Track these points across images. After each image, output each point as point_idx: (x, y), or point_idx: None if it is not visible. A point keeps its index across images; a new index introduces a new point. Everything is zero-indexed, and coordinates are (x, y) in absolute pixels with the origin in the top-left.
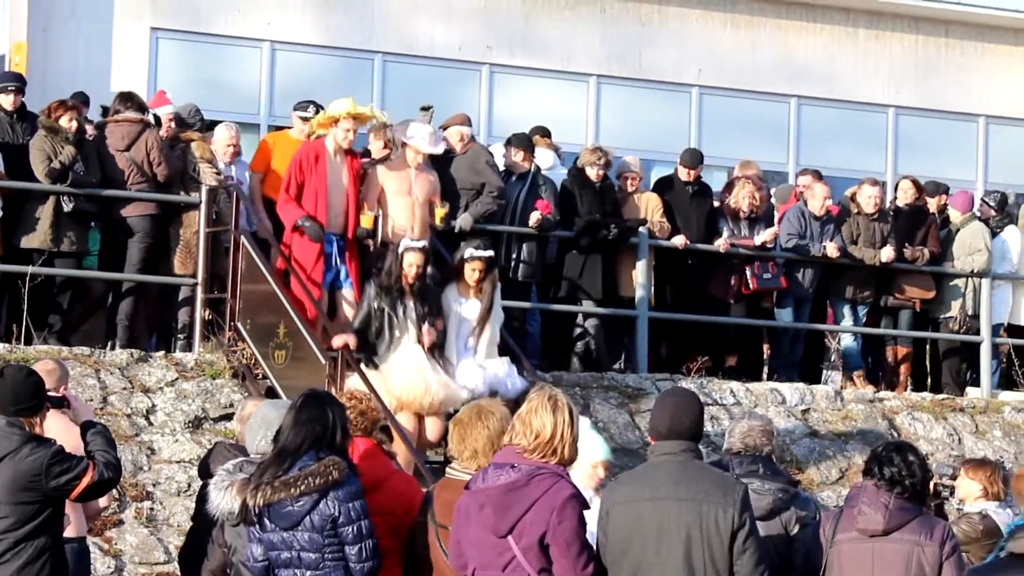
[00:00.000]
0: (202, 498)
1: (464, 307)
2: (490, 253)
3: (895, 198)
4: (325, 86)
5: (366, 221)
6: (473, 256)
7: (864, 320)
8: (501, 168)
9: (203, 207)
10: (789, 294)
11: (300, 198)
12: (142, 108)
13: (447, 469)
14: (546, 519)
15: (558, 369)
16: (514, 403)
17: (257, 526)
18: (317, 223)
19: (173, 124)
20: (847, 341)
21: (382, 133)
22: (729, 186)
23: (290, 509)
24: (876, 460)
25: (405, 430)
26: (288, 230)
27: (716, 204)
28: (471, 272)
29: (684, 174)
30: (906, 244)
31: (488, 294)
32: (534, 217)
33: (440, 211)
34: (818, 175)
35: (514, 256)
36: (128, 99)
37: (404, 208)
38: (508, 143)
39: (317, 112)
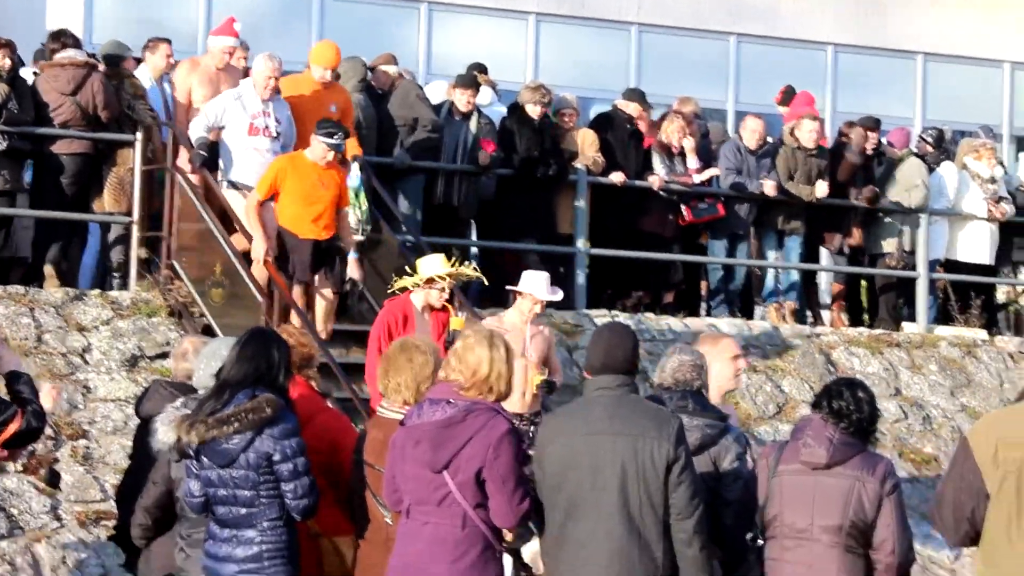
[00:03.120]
0: (139, 436)
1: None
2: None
3: (840, 137)
4: (265, 24)
5: (456, 323)
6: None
7: (800, 256)
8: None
9: (138, 145)
10: (724, 229)
11: None
12: (77, 44)
13: (377, 407)
14: (482, 454)
15: (496, 306)
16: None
17: (195, 462)
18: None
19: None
20: (788, 276)
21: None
22: (660, 122)
23: (225, 447)
24: (826, 394)
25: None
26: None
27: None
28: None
29: (632, 110)
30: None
31: None
32: (483, 156)
33: (537, 378)
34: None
35: (453, 194)
36: (61, 36)
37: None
38: (454, 84)
39: (346, 136)
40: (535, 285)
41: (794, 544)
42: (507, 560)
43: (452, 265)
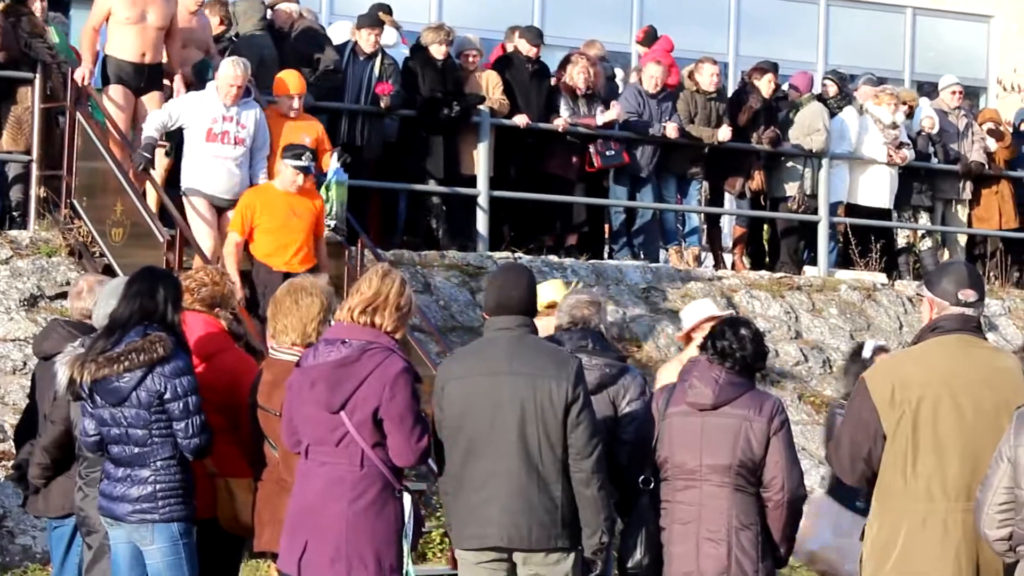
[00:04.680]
0: (38, 376)
1: None
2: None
3: (742, 81)
4: None
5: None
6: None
7: (703, 200)
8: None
9: (37, 83)
10: (626, 172)
11: None
12: None
13: (269, 349)
14: (379, 393)
15: (400, 248)
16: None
17: (88, 401)
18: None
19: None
20: (692, 219)
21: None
22: (564, 64)
23: (117, 385)
24: (710, 335)
25: None
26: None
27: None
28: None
29: (525, 49)
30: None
31: None
32: (384, 101)
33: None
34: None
35: (357, 135)
36: None
37: None
38: (357, 24)
39: (314, 158)
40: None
41: (684, 485)
42: (406, 499)
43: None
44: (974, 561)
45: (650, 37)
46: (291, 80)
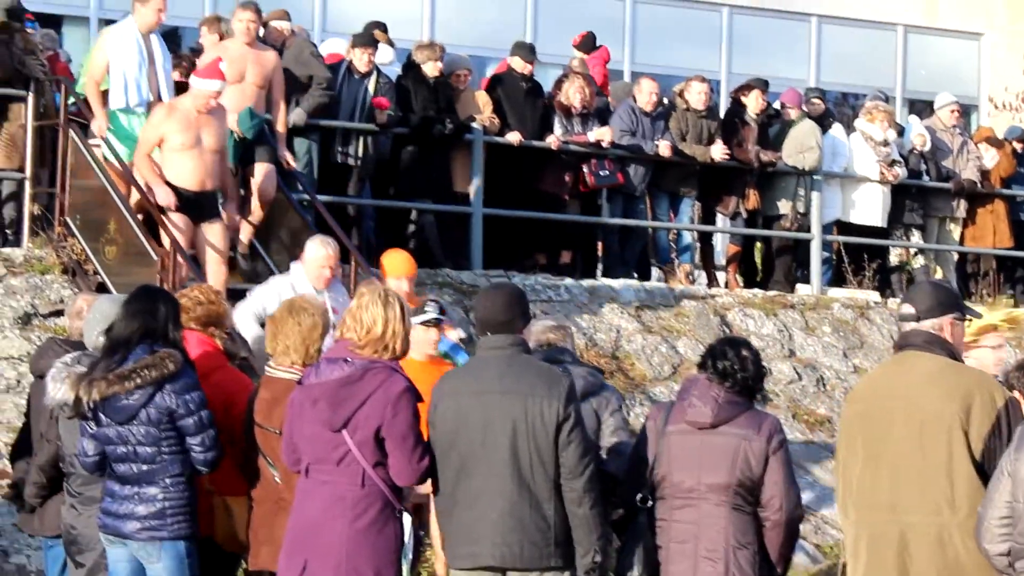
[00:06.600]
0: (34, 394)
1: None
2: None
3: (735, 100)
4: None
5: None
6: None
7: (696, 218)
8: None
9: (30, 100)
10: (619, 191)
11: None
12: None
13: (266, 367)
14: (380, 412)
15: None
16: None
17: (92, 421)
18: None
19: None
20: (685, 238)
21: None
22: (559, 82)
23: (125, 403)
24: (710, 354)
25: None
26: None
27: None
28: None
29: (519, 66)
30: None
31: None
32: (380, 115)
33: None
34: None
35: (350, 152)
36: None
37: None
38: (352, 43)
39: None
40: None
41: (682, 504)
42: (406, 519)
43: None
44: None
45: (588, 42)
46: (400, 264)
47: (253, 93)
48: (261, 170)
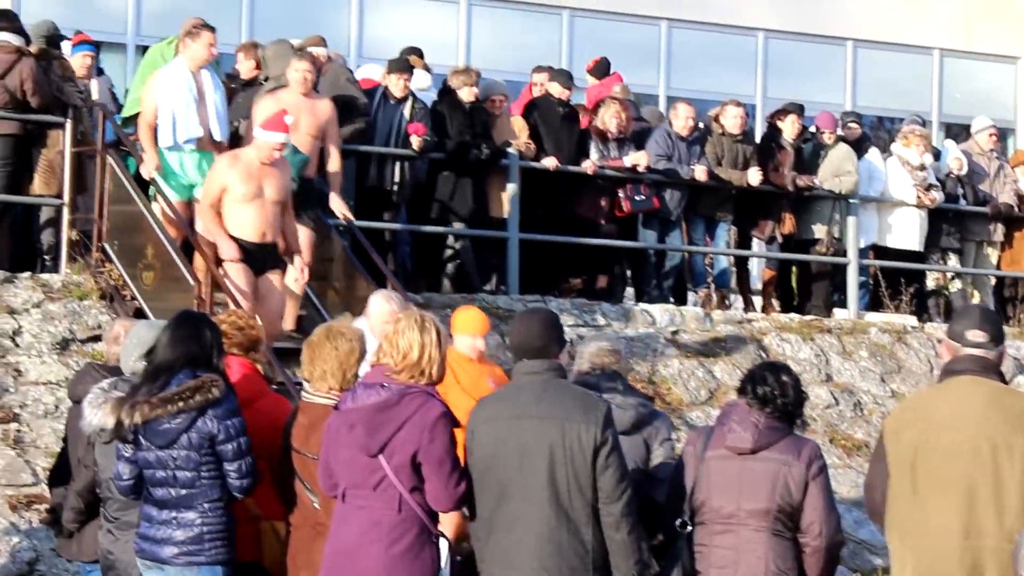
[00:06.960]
0: (72, 420)
1: None
2: None
3: (771, 125)
4: (194, 6)
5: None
6: None
7: (732, 242)
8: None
9: (68, 127)
10: (655, 215)
11: None
12: (15, 29)
13: (302, 392)
14: (417, 438)
15: (429, 291)
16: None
17: (130, 444)
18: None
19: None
20: (721, 262)
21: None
22: (595, 107)
23: (167, 426)
24: (750, 379)
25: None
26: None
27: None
28: None
29: (557, 91)
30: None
31: None
32: (416, 141)
33: None
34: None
35: (386, 177)
36: (3, 18)
37: None
38: (388, 69)
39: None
40: None
41: (722, 529)
42: (443, 544)
43: None
44: None
45: (600, 68)
46: (473, 321)
47: (307, 143)
48: (304, 236)
